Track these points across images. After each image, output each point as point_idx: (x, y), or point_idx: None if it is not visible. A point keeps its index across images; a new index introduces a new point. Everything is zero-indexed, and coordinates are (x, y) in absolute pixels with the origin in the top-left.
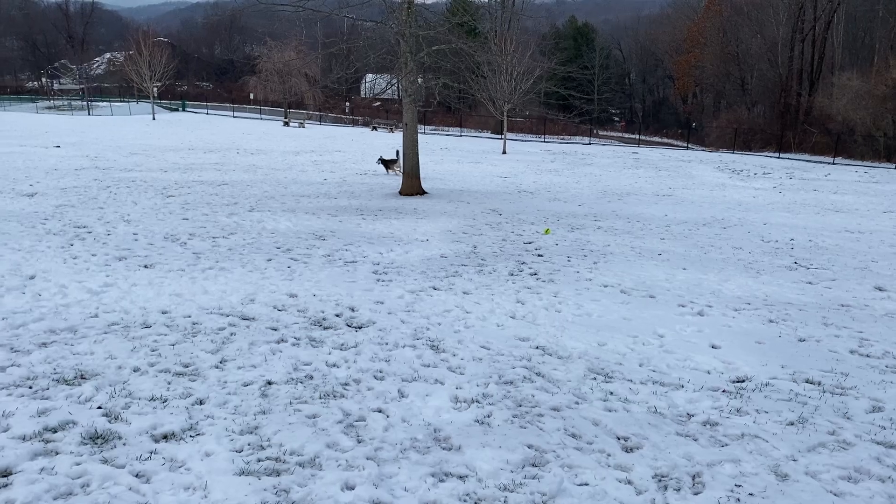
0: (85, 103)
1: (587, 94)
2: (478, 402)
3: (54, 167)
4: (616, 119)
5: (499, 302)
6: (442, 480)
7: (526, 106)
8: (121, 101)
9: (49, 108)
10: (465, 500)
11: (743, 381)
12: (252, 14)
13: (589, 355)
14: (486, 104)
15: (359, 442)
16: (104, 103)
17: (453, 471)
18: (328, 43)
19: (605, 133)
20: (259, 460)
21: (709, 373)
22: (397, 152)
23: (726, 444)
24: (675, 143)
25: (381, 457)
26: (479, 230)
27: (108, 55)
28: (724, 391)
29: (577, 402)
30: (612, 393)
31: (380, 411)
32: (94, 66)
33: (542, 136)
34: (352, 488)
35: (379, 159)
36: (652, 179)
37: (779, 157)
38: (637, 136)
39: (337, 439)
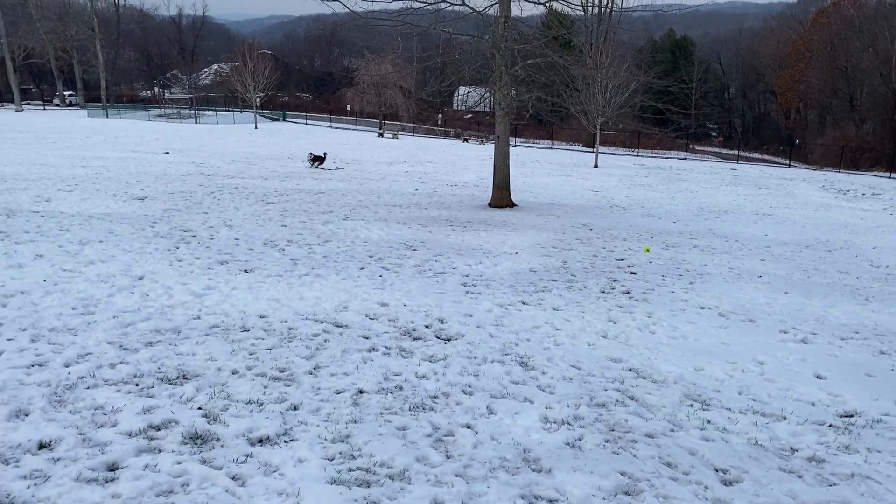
0: (192, 112)
1: (684, 109)
2: (568, 423)
3: (163, 172)
4: (713, 134)
5: (589, 320)
6: (531, 503)
7: (620, 119)
8: (226, 111)
9: (160, 115)
10: None
11: (852, 415)
12: (351, 28)
13: (685, 380)
14: (579, 117)
15: (448, 457)
16: (210, 112)
17: (543, 494)
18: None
19: (701, 148)
20: (350, 470)
21: (814, 405)
22: (324, 154)
23: (834, 484)
24: (775, 160)
25: (470, 474)
26: (569, 245)
27: (215, 66)
28: (830, 426)
29: (672, 430)
30: (709, 421)
31: (468, 427)
32: (203, 76)
33: (636, 151)
34: None
35: (309, 155)
36: (751, 197)
37: (889, 178)
38: (735, 152)
39: (426, 453)
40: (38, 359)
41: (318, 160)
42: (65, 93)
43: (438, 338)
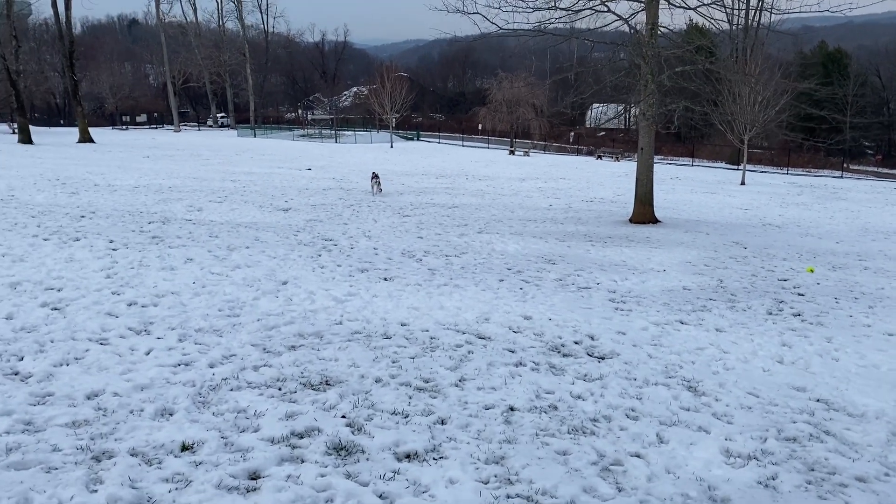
0: (333, 132)
1: (837, 125)
2: (756, 458)
3: (305, 187)
4: (870, 152)
5: (760, 343)
6: None
7: (767, 136)
8: (364, 131)
9: (302, 135)
10: None
11: None
12: (484, 49)
13: (888, 416)
14: (725, 130)
15: (619, 490)
16: (349, 132)
17: None
18: (559, 69)
19: (856, 167)
20: (508, 496)
21: None
22: (374, 174)
23: None
24: None
25: None
26: (722, 263)
27: (354, 89)
28: None
29: (886, 474)
30: None
31: (638, 456)
32: (342, 98)
33: (785, 169)
34: None
35: (373, 175)
36: None
37: None
38: None
39: (594, 483)
40: (185, 358)
41: (375, 180)
42: (217, 115)
43: (590, 355)
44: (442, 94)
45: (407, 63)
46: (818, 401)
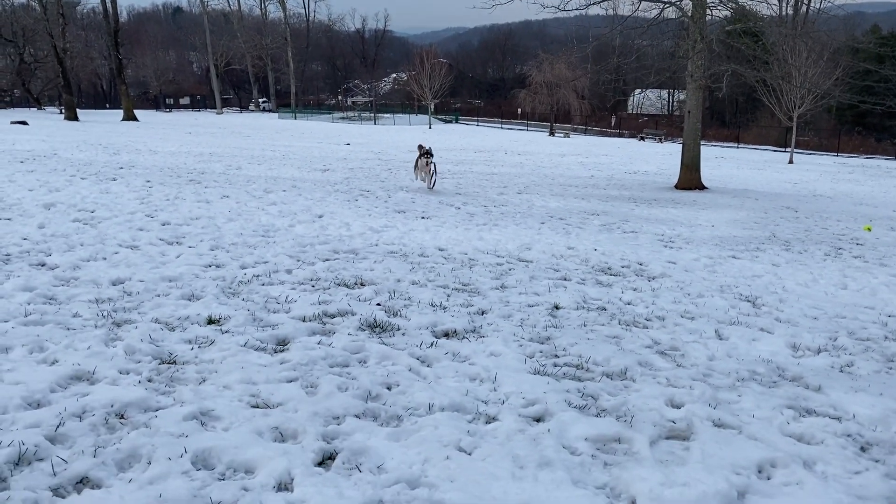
0: (372, 114)
1: (890, 109)
2: (827, 351)
3: (344, 157)
4: None
5: (820, 274)
6: (803, 416)
7: (816, 118)
8: (402, 114)
9: (342, 118)
10: (848, 438)
11: None
12: (524, 35)
13: None
14: (772, 106)
15: (678, 366)
16: (388, 115)
17: (818, 409)
18: (602, 53)
19: None
20: (556, 365)
21: None
22: (425, 151)
23: None
24: None
25: (712, 382)
26: (773, 221)
27: (393, 75)
28: None
29: None
30: None
31: (697, 343)
32: (382, 84)
33: (835, 153)
34: (679, 406)
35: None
36: None
37: None
38: None
39: (649, 359)
40: (216, 261)
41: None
42: (259, 99)
43: (640, 276)
44: (481, 79)
45: (446, 50)
46: (890, 316)
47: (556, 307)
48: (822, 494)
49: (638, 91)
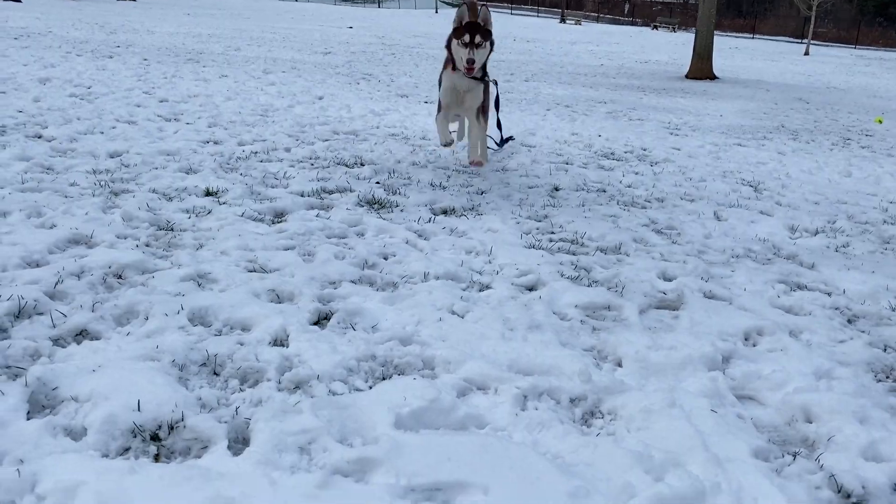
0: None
1: None
2: (825, 232)
3: (346, 41)
4: None
5: (826, 162)
6: (794, 290)
7: (836, 8)
8: None
9: (345, 1)
10: (835, 311)
11: None
12: None
13: None
14: None
15: (673, 243)
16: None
17: (809, 284)
18: None
19: None
20: (551, 241)
21: None
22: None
23: None
24: None
25: (706, 258)
26: (783, 112)
27: None
28: None
29: None
30: None
31: (694, 223)
32: None
33: (854, 45)
34: (671, 279)
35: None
36: None
37: None
38: None
39: (645, 236)
40: (213, 137)
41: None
42: None
43: (642, 161)
44: None
45: None
46: (892, 202)
47: (556, 189)
48: (805, 359)
49: None
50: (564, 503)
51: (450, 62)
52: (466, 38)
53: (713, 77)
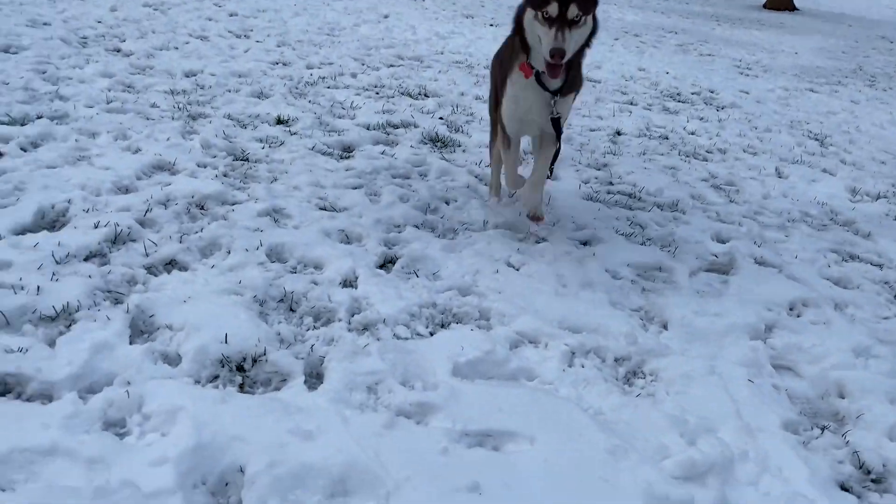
0: None
1: None
2: (887, 198)
3: None
4: None
5: None
6: (845, 260)
7: None
8: None
9: None
10: (885, 285)
11: None
12: None
13: None
14: None
15: (730, 201)
16: None
17: (862, 255)
18: None
19: None
20: (609, 192)
21: None
22: None
23: None
24: None
25: (761, 220)
26: (863, 52)
27: None
28: None
29: None
30: None
31: (754, 180)
32: None
33: None
34: (724, 241)
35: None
36: None
37: None
38: None
39: (703, 193)
40: (282, 59)
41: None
42: None
43: (708, 104)
44: None
45: None
46: None
47: (618, 133)
48: (846, 335)
49: None
50: (603, 459)
51: (519, 53)
52: (553, 8)
53: (793, 8)
